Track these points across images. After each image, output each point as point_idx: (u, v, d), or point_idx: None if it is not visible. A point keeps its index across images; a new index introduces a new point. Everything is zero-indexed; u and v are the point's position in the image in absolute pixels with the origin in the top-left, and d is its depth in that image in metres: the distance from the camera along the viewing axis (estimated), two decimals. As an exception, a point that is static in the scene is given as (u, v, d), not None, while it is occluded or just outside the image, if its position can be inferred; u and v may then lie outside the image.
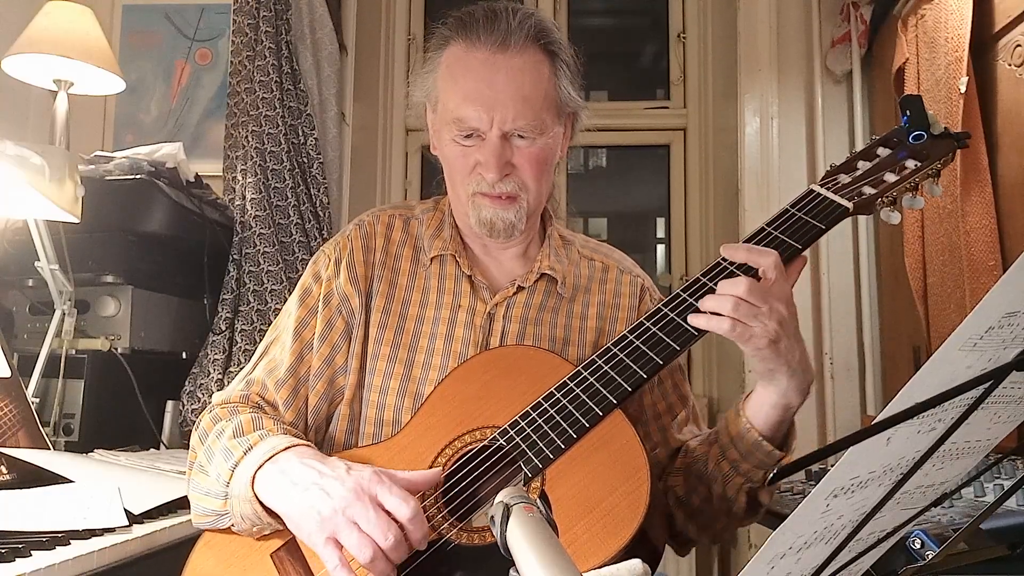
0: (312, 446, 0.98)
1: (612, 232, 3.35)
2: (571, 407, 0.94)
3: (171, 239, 2.02)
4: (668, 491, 1.09)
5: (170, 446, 1.93)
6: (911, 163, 1.00)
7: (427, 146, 1.20)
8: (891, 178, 0.99)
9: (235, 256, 2.30)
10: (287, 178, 2.40)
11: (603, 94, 3.22)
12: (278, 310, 1.19)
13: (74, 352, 1.81)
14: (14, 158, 1.53)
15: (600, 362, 0.97)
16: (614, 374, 0.95)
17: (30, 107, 2.56)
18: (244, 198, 2.36)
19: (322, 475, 0.89)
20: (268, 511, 0.93)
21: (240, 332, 2.23)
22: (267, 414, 1.05)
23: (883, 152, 1.03)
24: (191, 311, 2.18)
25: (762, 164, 2.59)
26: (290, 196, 2.39)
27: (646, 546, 1.02)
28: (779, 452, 0.98)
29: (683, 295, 0.98)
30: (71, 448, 1.72)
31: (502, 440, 0.95)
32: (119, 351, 1.86)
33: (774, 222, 0.99)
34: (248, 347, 2.19)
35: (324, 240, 2.35)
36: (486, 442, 0.96)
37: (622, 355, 0.96)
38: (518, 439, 0.94)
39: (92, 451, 1.70)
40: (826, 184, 1.01)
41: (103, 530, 1.19)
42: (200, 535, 1.01)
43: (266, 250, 2.30)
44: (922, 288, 2.01)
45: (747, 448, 0.98)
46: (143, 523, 1.26)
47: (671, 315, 0.97)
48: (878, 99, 2.48)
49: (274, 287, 2.27)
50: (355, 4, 2.81)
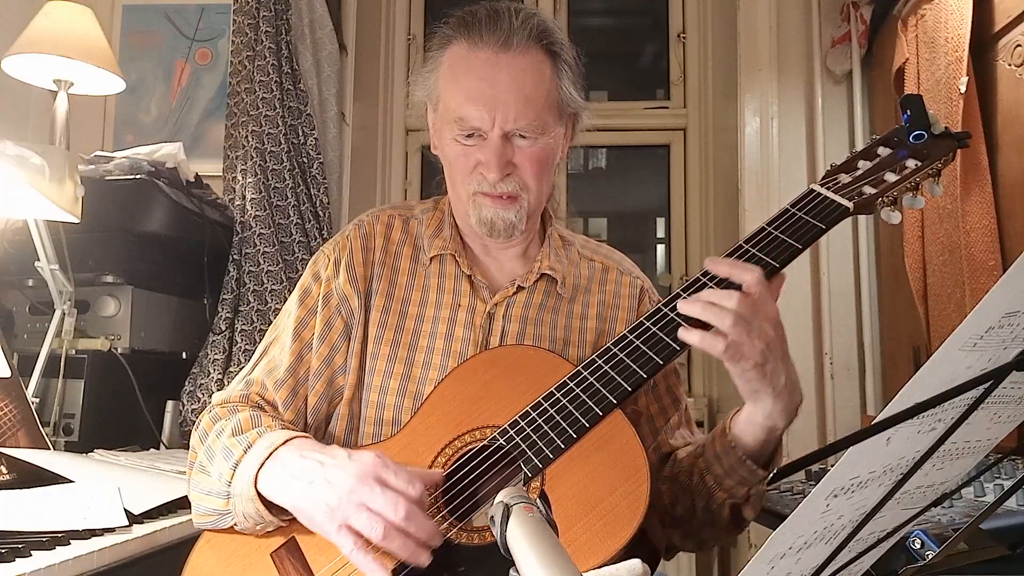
0: (310, 437, 0.99)
1: (612, 232, 3.35)
2: (571, 407, 0.94)
3: (171, 239, 2.02)
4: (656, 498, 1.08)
5: (170, 446, 1.93)
6: (911, 163, 1.00)
7: (427, 146, 1.20)
8: (891, 178, 0.99)
9: (235, 256, 2.30)
10: (287, 178, 2.40)
11: (603, 94, 3.22)
12: (278, 310, 1.19)
13: (74, 352, 1.81)
14: (14, 158, 1.53)
15: (600, 362, 0.97)
16: (614, 374, 0.95)
17: (30, 107, 2.56)
18: (244, 198, 2.36)
19: (324, 465, 0.90)
20: (271, 509, 0.93)
21: (240, 332, 2.23)
22: (266, 412, 1.05)
23: (884, 152, 1.02)
24: (191, 311, 2.18)
25: (762, 164, 2.59)
26: (290, 196, 2.39)
27: (646, 546, 1.03)
28: (762, 472, 0.97)
29: (684, 295, 0.97)
30: (71, 448, 1.72)
31: (502, 440, 0.95)
32: (119, 351, 1.86)
33: (774, 222, 0.99)
34: (248, 347, 2.19)
35: (324, 240, 2.36)
36: (486, 442, 0.96)
37: (622, 355, 0.96)
38: (518, 439, 0.94)
39: (92, 451, 1.70)
40: (826, 184, 1.01)
41: (103, 530, 1.19)
42: (200, 534, 1.01)
43: (266, 250, 2.30)
44: (922, 288, 2.01)
45: (731, 465, 0.97)
46: (143, 523, 1.26)
47: (671, 315, 0.96)
48: (878, 99, 2.48)
49: (274, 287, 2.27)
50: (355, 4, 2.81)
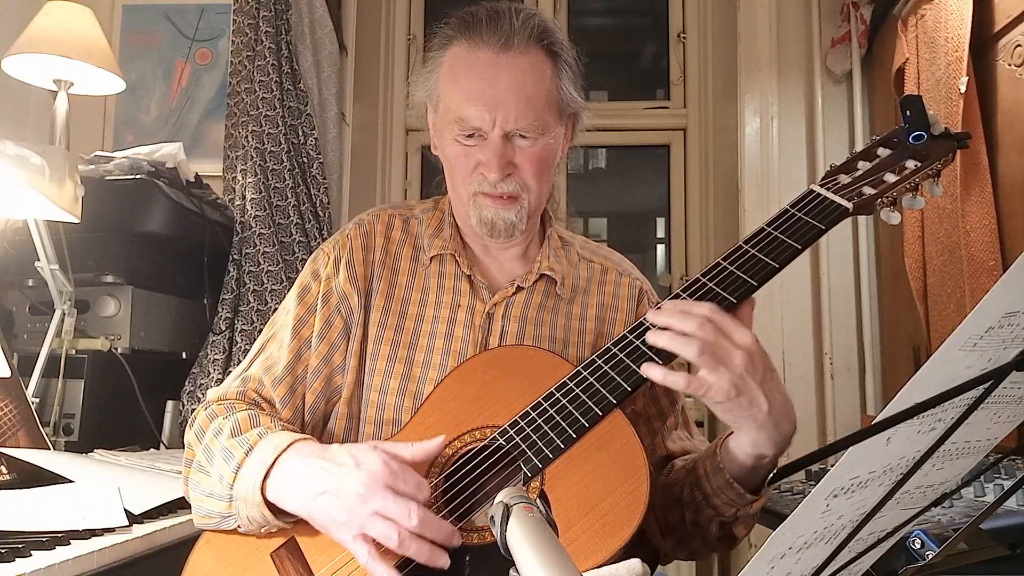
0: (312, 439, 0.98)
1: (612, 232, 3.35)
2: (571, 407, 0.94)
3: (171, 239, 2.02)
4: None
5: (170, 446, 1.93)
6: (911, 163, 1.00)
7: (427, 146, 1.20)
8: (891, 178, 0.99)
9: (235, 256, 2.30)
10: (287, 178, 2.40)
11: (603, 94, 3.23)
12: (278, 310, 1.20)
13: (74, 352, 1.81)
14: (14, 158, 1.53)
15: (600, 362, 0.97)
16: (614, 374, 0.95)
17: (30, 107, 2.56)
18: (244, 198, 2.36)
19: (330, 473, 0.89)
20: (277, 514, 0.93)
21: (240, 332, 2.23)
22: (264, 411, 1.05)
23: (883, 152, 1.02)
24: (191, 311, 2.18)
25: (762, 164, 2.59)
26: (290, 196, 2.39)
27: (645, 546, 1.03)
28: (750, 496, 0.95)
29: (683, 295, 0.97)
30: (71, 448, 1.72)
31: (502, 440, 0.95)
32: (119, 351, 1.86)
33: (774, 222, 0.99)
34: (248, 347, 2.19)
35: (324, 240, 2.36)
36: (486, 442, 0.96)
37: (622, 355, 0.96)
38: (518, 439, 0.94)
39: (92, 451, 1.70)
40: (826, 184, 1.01)
41: (103, 530, 1.19)
42: (200, 534, 1.01)
43: (266, 250, 2.30)
44: (922, 288, 2.01)
45: (719, 486, 0.97)
46: (143, 523, 1.26)
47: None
48: (878, 99, 2.48)
49: (274, 287, 2.27)
50: (355, 4, 2.82)
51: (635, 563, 0.76)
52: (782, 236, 0.97)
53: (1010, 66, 1.70)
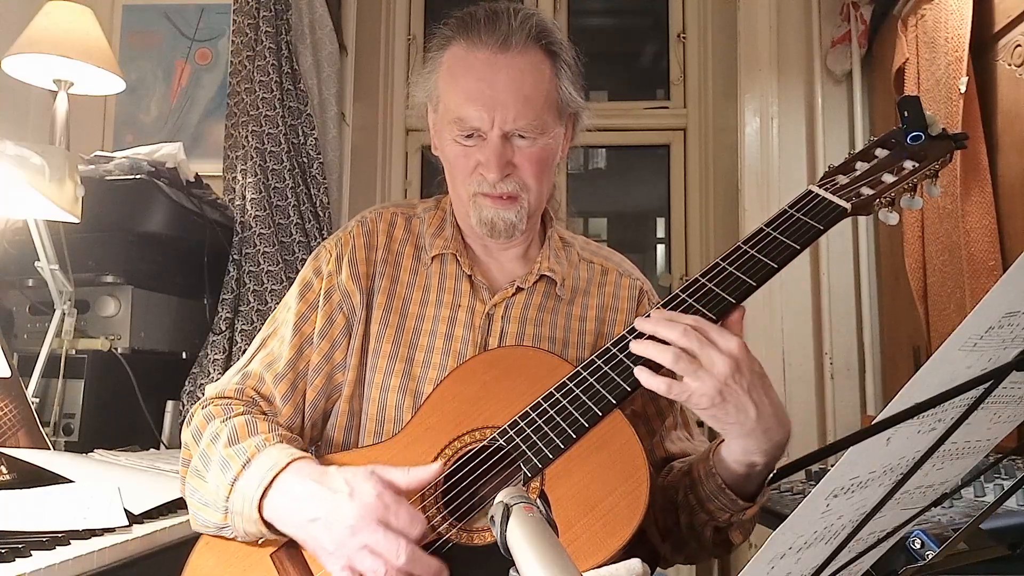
0: (311, 457, 0.96)
1: (612, 232, 3.35)
2: (570, 407, 0.94)
3: (171, 239, 2.02)
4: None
5: (170, 446, 1.92)
6: (909, 164, 1.00)
7: (427, 146, 1.20)
8: (889, 179, 0.99)
9: (235, 256, 2.30)
10: (287, 178, 2.40)
11: (603, 94, 3.23)
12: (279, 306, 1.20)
13: (74, 352, 1.81)
14: (14, 158, 1.53)
15: (599, 362, 0.97)
16: (614, 375, 0.95)
17: (30, 107, 2.56)
18: (244, 198, 2.36)
19: (324, 500, 0.88)
20: (273, 529, 0.93)
21: (240, 332, 2.23)
22: (261, 415, 1.04)
23: (881, 153, 1.02)
24: (191, 311, 2.18)
25: (762, 164, 2.59)
26: (290, 196, 2.39)
27: (645, 546, 1.03)
28: (744, 503, 0.94)
29: (683, 295, 0.97)
30: (71, 448, 1.72)
31: (502, 440, 0.95)
32: (119, 351, 1.86)
33: (772, 223, 0.99)
34: (248, 347, 2.19)
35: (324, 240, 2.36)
36: (486, 442, 0.96)
37: (621, 356, 0.96)
38: (518, 439, 0.94)
39: (92, 451, 1.70)
40: (824, 185, 1.01)
41: (103, 530, 1.19)
42: (200, 535, 1.01)
43: (266, 250, 2.30)
44: (922, 288, 2.01)
45: (711, 491, 0.96)
46: (143, 523, 1.26)
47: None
48: (878, 99, 2.48)
49: (274, 287, 2.27)
50: (355, 4, 2.82)
51: (635, 563, 0.76)
52: (781, 236, 0.97)
53: (1010, 66, 1.70)
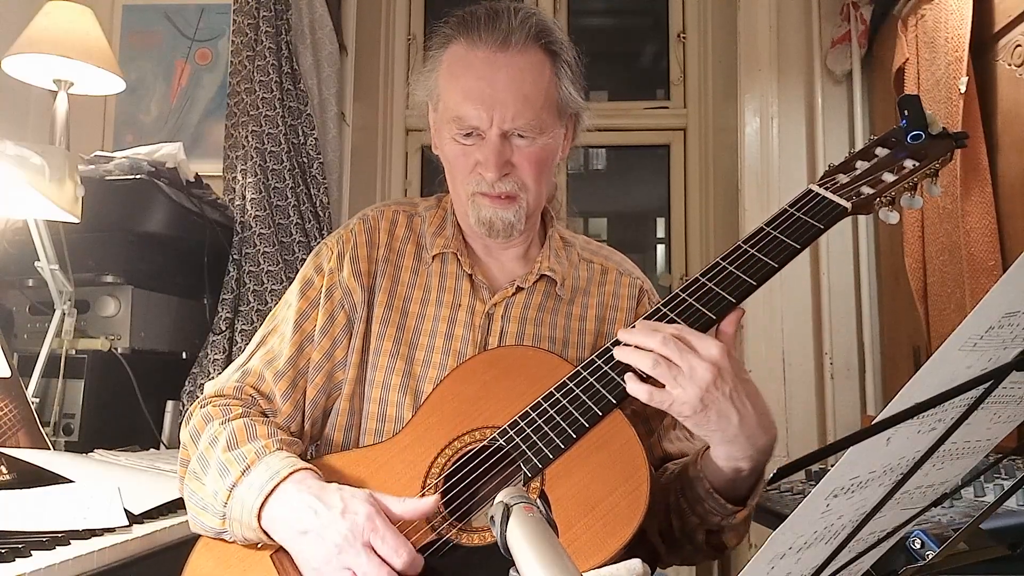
0: (312, 468, 0.95)
1: (612, 232, 3.35)
2: (571, 407, 0.94)
3: (171, 239, 2.02)
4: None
5: (170, 446, 1.92)
6: (909, 163, 1.00)
7: (428, 146, 1.20)
8: (889, 178, 0.99)
9: (235, 256, 2.30)
10: (287, 178, 2.40)
11: (603, 94, 3.23)
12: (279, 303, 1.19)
13: (74, 352, 1.81)
14: (14, 158, 1.53)
15: (600, 362, 0.96)
16: (614, 375, 0.94)
17: (30, 107, 2.56)
18: (244, 198, 2.36)
19: (317, 515, 0.88)
20: (271, 537, 0.93)
21: (240, 332, 2.23)
22: (260, 416, 1.04)
23: (881, 152, 1.02)
24: (191, 311, 2.18)
25: (762, 164, 2.59)
26: (290, 196, 2.39)
27: (645, 546, 1.03)
28: (732, 507, 0.94)
29: (683, 295, 0.97)
30: (71, 448, 1.72)
31: (502, 440, 0.95)
32: (119, 351, 1.86)
33: (773, 222, 0.99)
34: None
35: (324, 240, 2.36)
36: (486, 442, 0.95)
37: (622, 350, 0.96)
38: (518, 439, 0.94)
39: (92, 451, 1.70)
40: (824, 184, 1.01)
41: (103, 530, 1.18)
42: (199, 535, 1.01)
43: (266, 250, 2.30)
44: (922, 288, 2.01)
45: (700, 495, 0.97)
46: (143, 523, 1.26)
47: (671, 315, 0.96)
48: (878, 99, 2.48)
49: (274, 287, 2.27)
50: (355, 4, 2.81)
51: (635, 563, 0.76)
52: (781, 236, 0.97)
53: (1010, 66, 1.70)
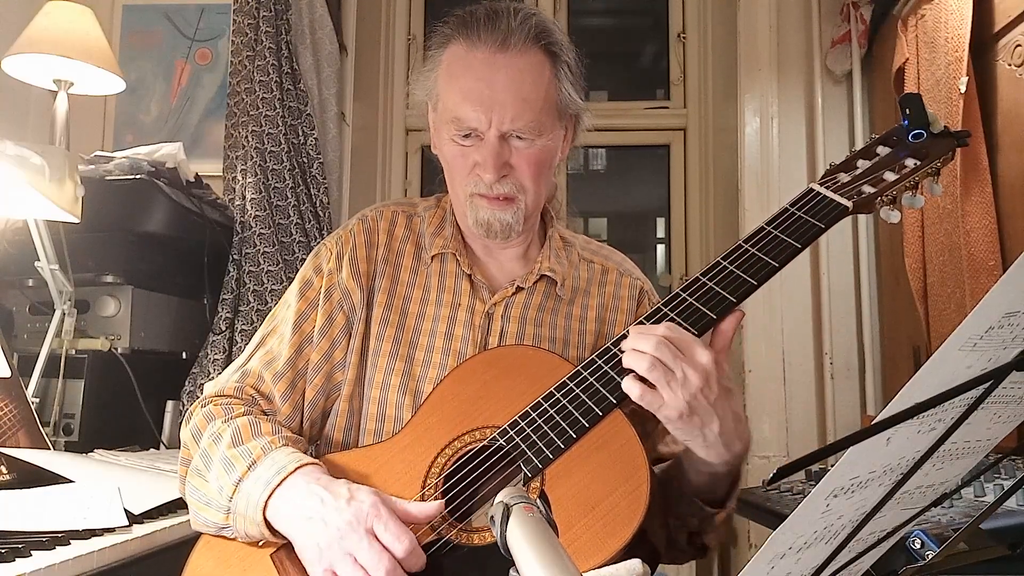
0: (318, 463, 0.96)
1: (612, 232, 3.35)
2: (571, 407, 0.94)
3: (171, 239, 2.02)
4: None
5: (170, 446, 1.92)
6: (911, 162, 1.00)
7: (428, 145, 1.20)
8: (891, 177, 0.99)
9: (235, 256, 2.30)
10: (287, 178, 2.40)
11: (603, 94, 3.22)
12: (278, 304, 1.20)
13: (74, 352, 1.81)
14: (14, 158, 1.53)
15: (600, 362, 0.96)
16: (614, 374, 0.94)
17: (30, 107, 2.56)
18: (244, 198, 2.36)
19: (323, 503, 0.88)
20: (274, 532, 0.92)
21: (240, 332, 2.23)
22: (264, 416, 1.04)
23: (883, 151, 1.02)
24: (191, 311, 2.18)
25: (762, 164, 2.59)
26: (290, 196, 2.39)
27: (646, 546, 1.02)
28: (710, 509, 0.96)
29: (683, 295, 0.97)
30: (71, 448, 1.72)
31: (502, 440, 0.95)
32: (119, 351, 1.86)
33: (773, 221, 0.99)
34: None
35: (324, 240, 2.36)
36: (486, 442, 0.95)
37: (622, 356, 0.96)
38: (518, 439, 0.94)
39: (92, 451, 1.70)
40: (825, 183, 1.01)
41: (103, 530, 1.19)
42: (200, 535, 1.01)
43: (266, 250, 2.30)
44: (922, 288, 2.01)
45: (678, 497, 0.99)
46: (143, 523, 1.26)
47: (671, 315, 0.96)
48: (878, 99, 2.48)
49: (274, 287, 2.27)
50: (355, 4, 2.81)
51: (635, 563, 0.76)
52: (782, 235, 0.97)
53: (1010, 66, 1.70)
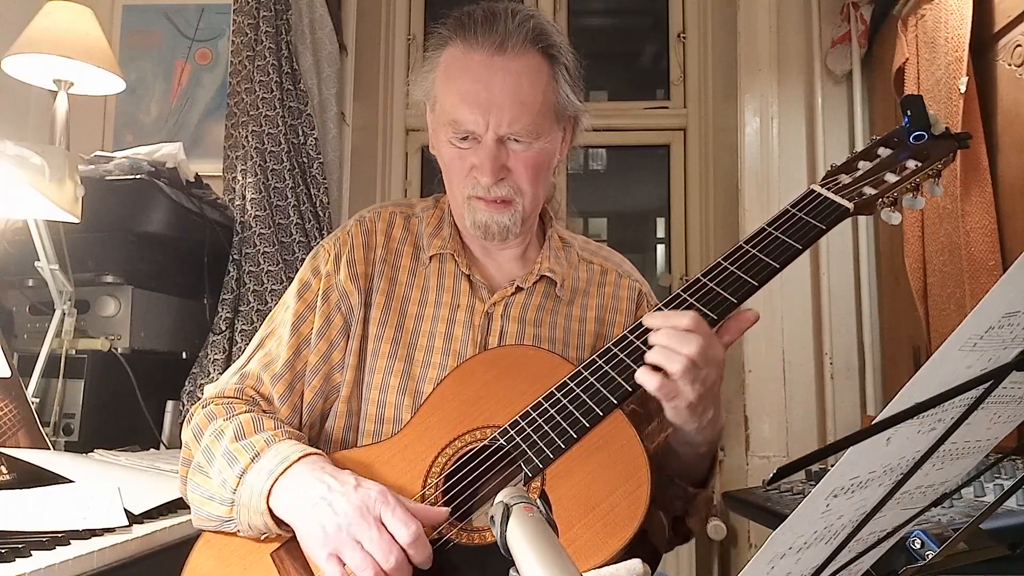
0: (322, 454, 0.96)
1: (612, 232, 3.35)
2: (571, 407, 0.94)
3: (171, 239, 2.02)
4: None
5: (170, 446, 1.92)
6: (912, 163, 1.00)
7: (428, 145, 1.20)
8: (892, 178, 0.99)
9: (235, 256, 2.30)
10: (287, 178, 2.40)
11: (603, 94, 3.22)
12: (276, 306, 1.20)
13: (74, 352, 1.81)
14: (14, 158, 1.53)
15: (600, 362, 0.97)
16: (614, 374, 0.95)
17: (30, 107, 2.56)
18: (244, 198, 2.36)
19: (331, 490, 0.89)
20: (278, 522, 0.92)
21: (240, 332, 2.23)
22: (266, 413, 1.04)
23: (884, 152, 1.02)
24: (191, 311, 2.18)
25: (762, 164, 2.59)
26: (290, 196, 2.39)
27: (646, 546, 1.03)
28: (692, 489, 1.03)
29: (683, 295, 0.97)
30: (71, 448, 1.72)
31: (502, 440, 0.95)
32: (119, 351, 1.86)
33: (774, 222, 0.99)
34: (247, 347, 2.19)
35: (324, 240, 2.36)
36: (486, 442, 0.95)
37: (622, 355, 0.96)
38: (518, 439, 0.94)
39: (92, 451, 1.70)
40: (826, 184, 1.01)
41: (103, 530, 1.19)
42: (200, 534, 1.01)
43: (266, 250, 2.30)
44: (922, 288, 2.01)
45: (663, 483, 1.01)
46: (143, 523, 1.26)
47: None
48: (878, 99, 2.48)
49: (274, 287, 2.27)
50: (355, 4, 2.81)
51: (636, 563, 0.76)
52: (782, 236, 0.97)
53: (1010, 66, 1.70)
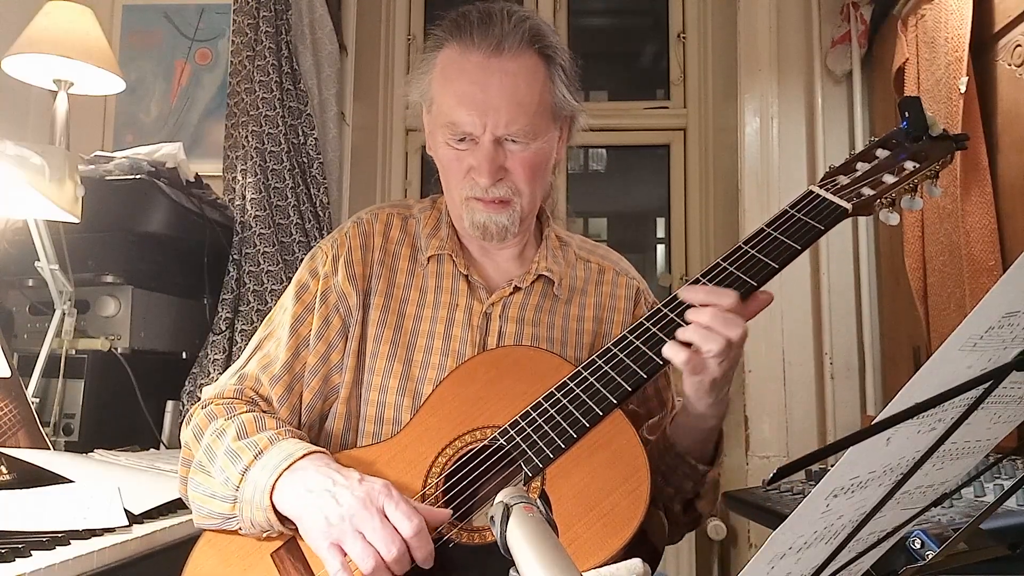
0: (326, 452, 0.97)
1: (612, 232, 3.35)
2: (571, 407, 0.94)
3: (171, 239, 2.02)
4: None
5: (170, 446, 1.92)
6: (910, 164, 1.00)
7: (426, 145, 1.20)
8: (890, 179, 0.99)
9: (235, 256, 2.30)
10: (287, 178, 2.40)
11: (603, 94, 3.22)
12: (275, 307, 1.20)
13: (74, 352, 1.81)
14: (14, 158, 1.53)
15: (600, 362, 0.97)
16: (614, 374, 0.95)
17: (30, 107, 2.56)
18: (244, 198, 2.36)
19: (335, 483, 0.89)
20: (281, 519, 0.93)
21: (240, 332, 2.23)
22: (267, 413, 1.04)
23: (882, 154, 1.03)
24: (191, 311, 2.18)
25: (762, 164, 2.59)
26: (290, 196, 2.39)
27: (646, 546, 1.03)
28: (703, 467, 1.03)
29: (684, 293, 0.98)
30: (71, 448, 1.72)
31: (502, 440, 0.95)
32: (119, 351, 1.86)
33: (773, 223, 1.00)
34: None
35: (324, 240, 2.36)
36: (486, 442, 0.96)
37: (622, 355, 0.96)
38: (518, 439, 0.94)
39: (92, 451, 1.70)
40: (825, 185, 1.01)
41: (103, 530, 1.19)
42: (200, 534, 1.01)
43: (266, 250, 2.30)
44: (922, 288, 2.01)
45: (672, 463, 1.03)
46: (143, 523, 1.26)
47: (671, 315, 0.97)
48: (878, 99, 2.48)
49: (274, 287, 2.27)
50: (355, 4, 2.81)
51: (636, 563, 0.77)
52: (782, 237, 0.97)
53: (1010, 66, 1.70)
